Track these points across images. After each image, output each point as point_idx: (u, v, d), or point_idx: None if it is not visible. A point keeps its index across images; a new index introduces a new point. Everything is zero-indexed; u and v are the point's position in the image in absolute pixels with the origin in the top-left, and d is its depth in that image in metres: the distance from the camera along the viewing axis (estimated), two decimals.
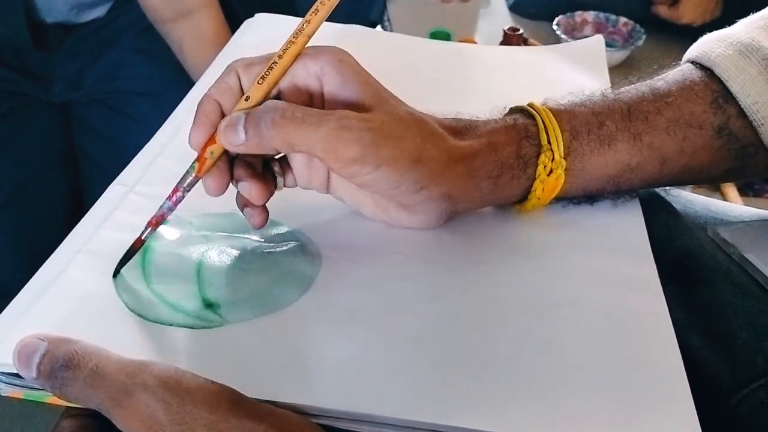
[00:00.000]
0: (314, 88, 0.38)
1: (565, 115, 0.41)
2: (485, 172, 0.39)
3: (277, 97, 0.38)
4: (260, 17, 0.65)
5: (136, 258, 0.39)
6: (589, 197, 0.44)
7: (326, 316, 0.36)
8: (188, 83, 1.00)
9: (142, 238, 0.39)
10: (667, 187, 0.47)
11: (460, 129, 0.40)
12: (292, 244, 0.41)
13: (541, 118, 0.41)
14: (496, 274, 0.39)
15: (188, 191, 0.39)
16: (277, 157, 0.40)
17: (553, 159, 0.40)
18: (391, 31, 1.36)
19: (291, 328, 0.36)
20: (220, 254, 0.40)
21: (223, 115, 0.38)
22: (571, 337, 0.35)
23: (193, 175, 0.38)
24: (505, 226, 0.42)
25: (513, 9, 1.75)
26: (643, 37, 1.51)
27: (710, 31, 0.45)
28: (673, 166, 0.42)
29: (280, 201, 0.43)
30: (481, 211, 0.43)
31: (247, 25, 0.64)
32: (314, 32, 0.38)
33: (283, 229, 0.42)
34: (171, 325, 0.36)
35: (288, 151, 0.37)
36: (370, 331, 0.35)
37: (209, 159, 0.38)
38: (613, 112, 0.41)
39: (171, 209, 0.39)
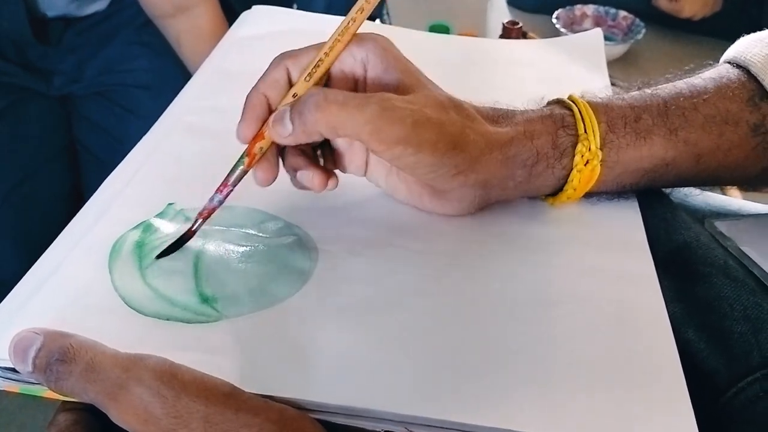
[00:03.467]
0: (359, 74, 0.40)
1: (602, 107, 0.41)
2: (520, 160, 0.40)
3: (325, 86, 0.39)
4: (258, 9, 0.65)
5: (133, 252, 0.39)
6: (622, 193, 0.44)
7: (323, 311, 0.36)
8: (187, 76, 1.00)
9: (193, 229, 0.40)
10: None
11: (497, 117, 0.41)
12: (289, 238, 0.41)
13: (578, 108, 0.41)
14: (494, 268, 0.39)
15: (237, 184, 0.39)
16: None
17: (589, 149, 0.40)
18: (390, 24, 1.36)
19: (288, 323, 0.36)
20: (217, 249, 0.40)
21: (270, 109, 0.39)
22: (568, 332, 0.35)
23: (242, 168, 0.39)
24: (504, 221, 0.42)
25: (512, 3, 1.74)
26: (643, 30, 1.50)
27: (710, 24, 0.45)
28: (709, 162, 0.42)
29: (278, 195, 0.43)
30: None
31: (245, 17, 0.64)
32: (358, 29, 0.39)
33: (280, 224, 0.42)
34: (167, 319, 0.36)
35: (332, 136, 0.37)
36: (368, 325, 0.35)
37: (258, 154, 0.39)
38: (650, 107, 0.42)
39: (221, 202, 0.40)
